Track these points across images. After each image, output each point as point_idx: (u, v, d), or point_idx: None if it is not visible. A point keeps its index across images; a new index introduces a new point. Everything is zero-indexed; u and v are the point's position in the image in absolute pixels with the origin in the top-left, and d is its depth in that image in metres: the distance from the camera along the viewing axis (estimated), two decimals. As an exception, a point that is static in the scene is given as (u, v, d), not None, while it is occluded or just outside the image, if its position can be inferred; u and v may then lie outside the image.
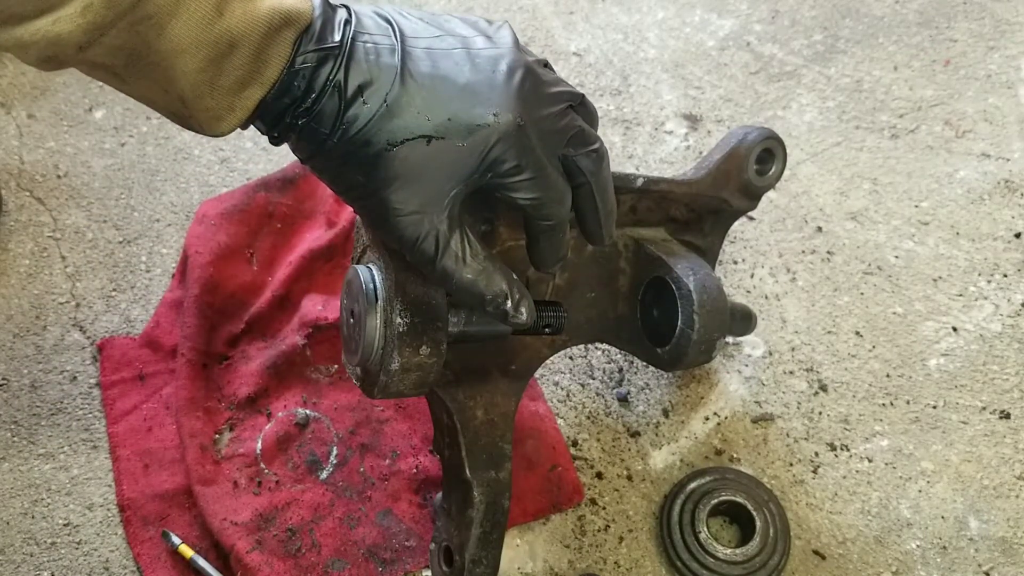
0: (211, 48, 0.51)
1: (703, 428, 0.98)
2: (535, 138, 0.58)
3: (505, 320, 0.64)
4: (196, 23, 0.50)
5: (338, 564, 0.89)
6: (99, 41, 0.47)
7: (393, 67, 0.56)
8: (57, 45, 0.47)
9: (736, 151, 0.89)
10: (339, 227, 1.08)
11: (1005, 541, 0.90)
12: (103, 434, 1.00)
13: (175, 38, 0.50)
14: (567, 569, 0.91)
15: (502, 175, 0.58)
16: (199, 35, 0.50)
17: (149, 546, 0.92)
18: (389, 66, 0.56)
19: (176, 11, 0.49)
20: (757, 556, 0.87)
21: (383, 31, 0.57)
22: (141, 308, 1.09)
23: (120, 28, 0.47)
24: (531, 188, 0.60)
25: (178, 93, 0.53)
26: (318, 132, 0.56)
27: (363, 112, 0.55)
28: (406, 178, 0.56)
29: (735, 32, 1.29)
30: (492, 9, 1.35)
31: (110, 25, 0.46)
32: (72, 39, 0.46)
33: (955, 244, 1.07)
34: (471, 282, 0.61)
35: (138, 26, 0.48)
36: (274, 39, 0.53)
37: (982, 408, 0.97)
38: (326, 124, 0.56)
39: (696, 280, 0.80)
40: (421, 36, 0.58)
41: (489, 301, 0.62)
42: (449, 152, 0.56)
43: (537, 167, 0.59)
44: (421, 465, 0.96)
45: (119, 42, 0.48)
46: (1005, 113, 1.17)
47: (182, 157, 1.22)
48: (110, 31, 0.47)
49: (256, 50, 0.52)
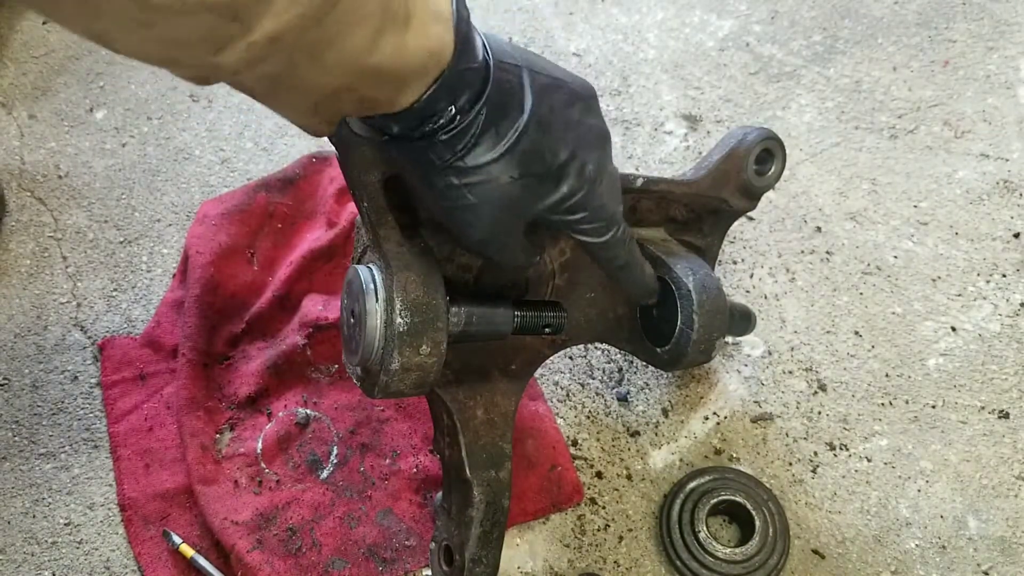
0: (356, 77, 0.53)
1: (703, 428, 0.99)
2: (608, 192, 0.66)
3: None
4: (350, 55, 0.51)
5: (338, 563, 0.89)
6: (254, 69, 0.49)
7: (519, 110, 0.59)
8: (215, 70, 0.48)
9: (735, 151, 0.89)
10: (339, 227, 1.08)
11: (1004, 540, 0.90)
12: (104, 434, 1.00)
13: (326, 67, 0.51)
14: (567, 568, 0.91)
15: (579, 224, 0.66)
16: (350, 65, 0.52)
17: (150, 545, 0.92)
18: (516, 108, 0.59)
19: (334, 43, 0.50)
20: (756, 555, 0.87)
21: (514, 70, 0.59)
22: (142, 308, 1.09)
23: (277, 59, 0.49)
24: (597, 233, 0.67)
25: (308, 107, 0.56)
26: (428, 153, 0.59)
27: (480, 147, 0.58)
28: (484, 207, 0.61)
29: (734, 33, 1.29)
30: (492, 10, 1.35)
31: (269, 57, 0.48)
32: (230, 68, 0.48)
33: (954, 244, 1.08)
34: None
35: (294, 55, 0.49)
36: (417, 74, 0.55)
37: (981, 408, 0.97)
38: (439, 150, 0.58)
39: (696, 280, 0.80)
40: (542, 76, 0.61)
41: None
42: (531, 190, 0.62)
43: (612, 221, 0.67)
44: (421, 465, 0.96)
45: (272, 69, 0.50)
46: (1004, 113, 1.17)
47: (183, 157, 1.22)
48: (267, 61, 0.48)
49: (399, 83, 0.54)
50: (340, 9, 0.48)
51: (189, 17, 0.43)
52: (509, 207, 0.62)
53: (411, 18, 0.52)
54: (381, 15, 0.50)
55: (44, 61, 1.33)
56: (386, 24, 0.51)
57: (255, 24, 0.45)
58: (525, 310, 0.76)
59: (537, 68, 0.61)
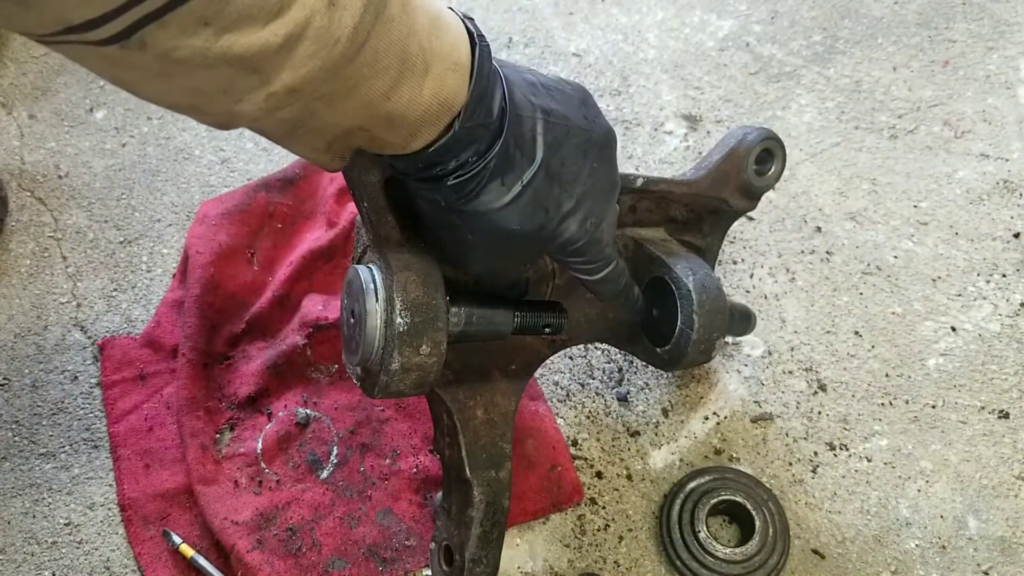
0: (371, 122, 0.54)
1: (703, 428, 0.99)
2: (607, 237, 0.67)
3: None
4: (366, 103, 0.52)
5: (338, 563, 0.89)
6: (273, 116, 0.50)
7: (529, 161, 0.59)
8: (235, 118, 0.49)
9: (735, 151, 0.89)
10: (339, 227, 1.08)
11: (1004, 540, 0.90)
12: (104, 434, 1.00)
13: (342, 114, 0.52)
14: (567, 568, 0.91)
15: (575, 263, 0.68)
16: (366, 113, 0.53)
17: (150, 545, 0.92)
18: (526, 159, 0.59)
19: (352, 93, 0.51)
20: (756, 555, 0.87)
21: (529, 121, 0.59)
22: (142, 308, 1.09)
23: (296, 107, 0.50)
24: (592, 272, 0.69)
25: (322, 146, 0.57)
26: (433, 192, 0.59)
27: (485, 196, 0.58)
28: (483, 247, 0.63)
29: (734, 33, 1.29)
30: (492, 10, 1.35)
31: (287, 106, 0.49)
32: (250, 116, 0.49)
33: (954, 244, 1.08)
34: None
35: (312, 104, 0.50)
36: (428, 121, 0.55)
37: (981, 408, 0.97)
38: (444, 192, 0.58)
39: (696, 280, 0.80)
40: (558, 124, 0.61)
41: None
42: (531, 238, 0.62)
43: (607, 262, 0.69)
44: (421, 465, 0.96)
45: (290, 116, 0.51)
46: (1004, 113, 1.17)
47: (183, 157, 1.22)
48: (285, 109, 0.50)
49: (411, 129, 0.55)
50: (359, 62, 0.48)
51: (210, 70, 0.44)
52: (507, 250, 0.64)
53: (429, 68, 0.52)
54: (399, 67, 0.51)
55: (44, 61, 1.33)
56: (404, 75, 0.51)
57: (274, 76, 0.46)
58: (525, 310, 0.76)
59: (556, 115, 0.60)
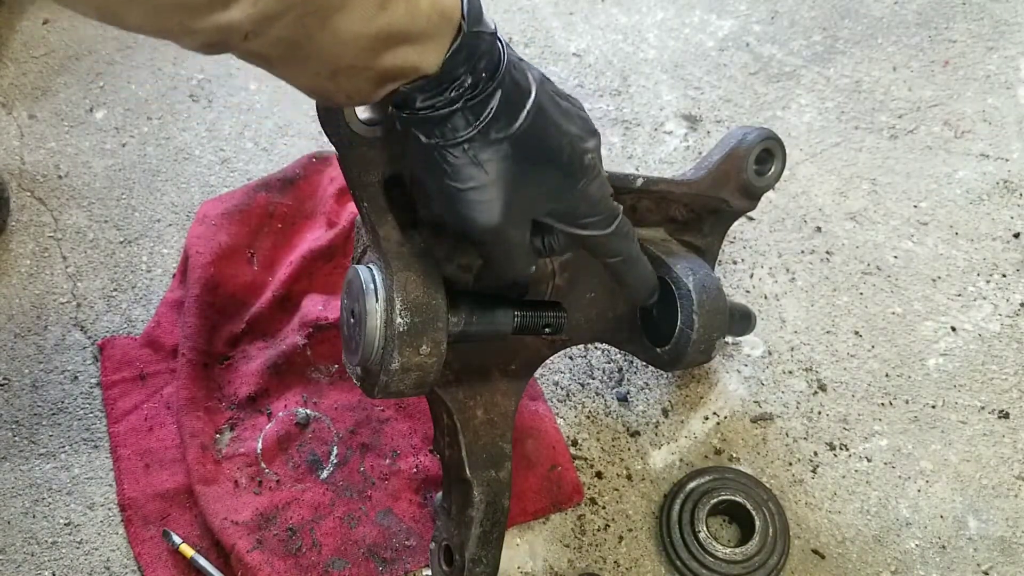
0: (371, 40, 0.53)
1: (702, 428, 0.99)
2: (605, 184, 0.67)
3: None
4: (360, 16, 0.51)
5: (338, 563, 0.89)
6: (265, 32, 0.49)
7: (528, 93, 0.59)
8: (225, 33, 0.48)
9: (735, 151, 0.89)
10: (339, 227, 1.08)
11: (1004, 540, 0.90)
12: (104, 434, 1.00)
13: (338, 31, 0.51)
14: (567, 568, 0.91)
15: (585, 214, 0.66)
16: (361, 28, 0.52)
17: (150, 545, 0.92)
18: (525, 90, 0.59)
19: (344, 5, 0.50)
20: (756, 555, 0.87)
21: (514, 58, 0.60)
22: (142, 308, 1.09)
23: (287, 20, 0.49)
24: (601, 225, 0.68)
25: (329, 72, 0.55)
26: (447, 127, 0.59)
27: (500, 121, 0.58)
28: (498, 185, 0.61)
29: (734, 33, 1.29)
30: (492, 10, 1.35)
31: (278, 17, 0.48)
32: (241, 28, 0.48)
33: (954, 244, 1.08)
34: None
35: (304, 18, 0.50)
36: (429, 36, 0.55)
37: (981, 408, 0.97)
38: (459, 122, 0.58)
39: (696, 280, 0.80)
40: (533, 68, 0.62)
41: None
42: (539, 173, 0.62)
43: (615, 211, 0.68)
44: (421, 465, 0.96)
45: (283, 33, 0.50)
46: (1004, 113, 1.17)
47: (183, 157, 1.22)
48: (277, 23, 0.49)
49: (415, 44, 0.55)
50: None
51: None
52: (518, 188, 0.62)
53: None
54: None
55: (44, 61, 1.33)
56: None
57: None
58: (525, 310, 0.76)
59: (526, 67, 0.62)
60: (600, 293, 0.88)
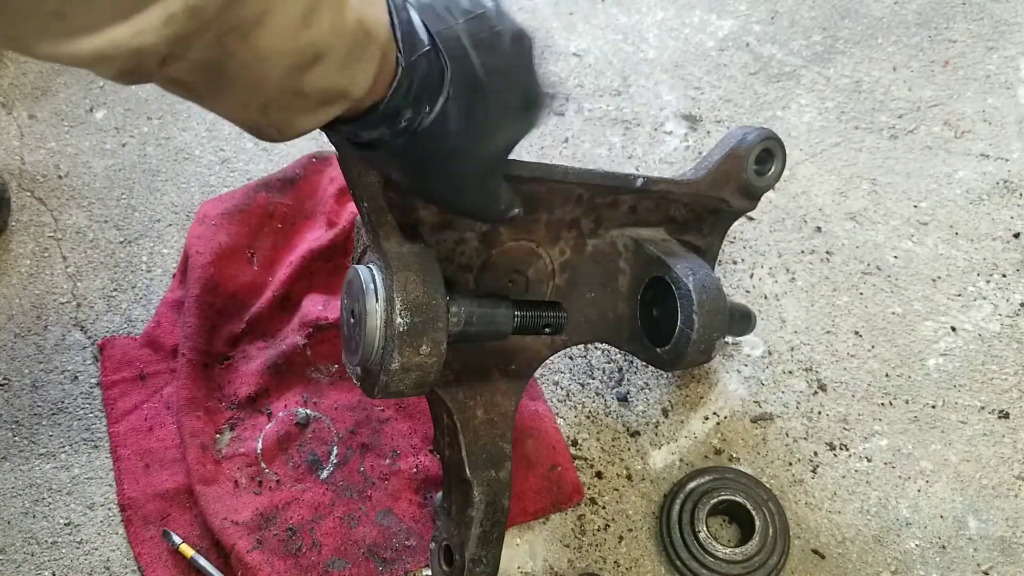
0: (295, 57, 0.50)
1: (702, 428, 0.99)
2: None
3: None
4: (281, 32, 0.49)
5: (338, 563, 0.89)
6: (183, 56, 0.47)
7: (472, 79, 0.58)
8: (139, 58, 0.45)
9: (735, 151, 0.89)
10: (339, 227, 1.08)
11: (1004, 540, 0.90)
12: (104, 434, 1.00)
13: (260, 48, 0.49)
14: (567, 568, 0.91)
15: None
16: (283, 44, 0.49)
17: (150, 545, 0.92)
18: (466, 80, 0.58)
19: (262, 20, 0.48)
20: (756, 555, 0.87)
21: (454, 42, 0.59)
22: (142, 308, 1.09)
23: (205, 41, 0.46)
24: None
25: (259, 104, 0.53)
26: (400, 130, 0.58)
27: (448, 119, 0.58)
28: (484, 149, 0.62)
29: (734, 33, 1.29)
30: (492, 10, 1.35)
31: (194, 36, 0.45)
32: (156, 51, 0.45)
33: (954, 244, 1.08)
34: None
35: (223, 37, 0.47)
36: (360, 57, 0.53)
37: (981, 408, 0.97)
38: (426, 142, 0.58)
39: (696, 280, 0.80)
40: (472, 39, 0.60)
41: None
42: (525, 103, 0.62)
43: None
44: (421, 465, 0.96)
45: (203, 56, 0.47)
46: (1004, 113, 1.17)
47: (183, 157, 1.22)
48: (195, 44, 0.46)
49: (341, 67, 0.52)
50: None
51: None
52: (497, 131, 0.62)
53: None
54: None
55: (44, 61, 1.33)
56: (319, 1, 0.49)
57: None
58: (525, 310, 0.76)
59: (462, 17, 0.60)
60: (600, 293, 0.88)
